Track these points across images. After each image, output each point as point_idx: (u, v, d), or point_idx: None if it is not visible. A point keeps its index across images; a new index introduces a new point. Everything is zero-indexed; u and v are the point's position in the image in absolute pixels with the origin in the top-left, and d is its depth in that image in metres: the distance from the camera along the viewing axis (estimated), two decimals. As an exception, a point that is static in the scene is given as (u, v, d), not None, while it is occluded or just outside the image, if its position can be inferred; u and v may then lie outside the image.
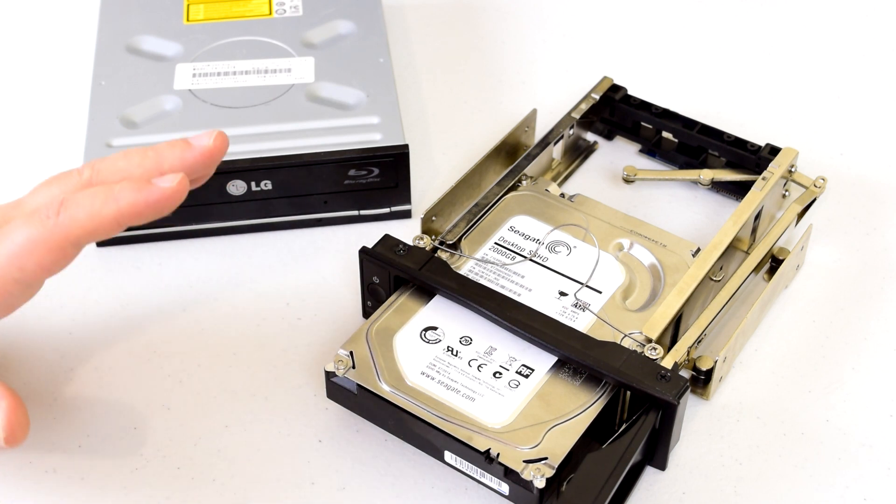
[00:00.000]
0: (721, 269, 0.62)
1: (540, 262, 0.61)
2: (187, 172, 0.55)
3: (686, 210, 0.69)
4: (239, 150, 0.65)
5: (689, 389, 0.54)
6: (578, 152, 0.73)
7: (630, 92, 0.73)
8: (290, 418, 0.59)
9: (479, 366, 0.56)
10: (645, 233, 0.63)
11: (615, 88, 0.73)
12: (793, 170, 0.67)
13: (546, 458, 0.52)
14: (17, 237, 0.52)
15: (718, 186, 0.70)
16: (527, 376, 0.55)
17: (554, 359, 0.56)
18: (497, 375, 0.55)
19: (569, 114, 0.70)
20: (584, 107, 0.71)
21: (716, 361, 0.58)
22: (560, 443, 0.52)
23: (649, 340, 0.56)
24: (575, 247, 0.62)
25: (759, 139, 0.70)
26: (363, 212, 0.68)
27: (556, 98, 0.77)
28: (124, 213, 0.53)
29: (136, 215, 0.53)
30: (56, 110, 0.77)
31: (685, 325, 0.60)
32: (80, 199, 0.53)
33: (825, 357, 0.61)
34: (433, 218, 0.63)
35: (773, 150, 0.67)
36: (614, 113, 0.73)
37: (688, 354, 0.58)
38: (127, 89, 0.70)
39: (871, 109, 0.77)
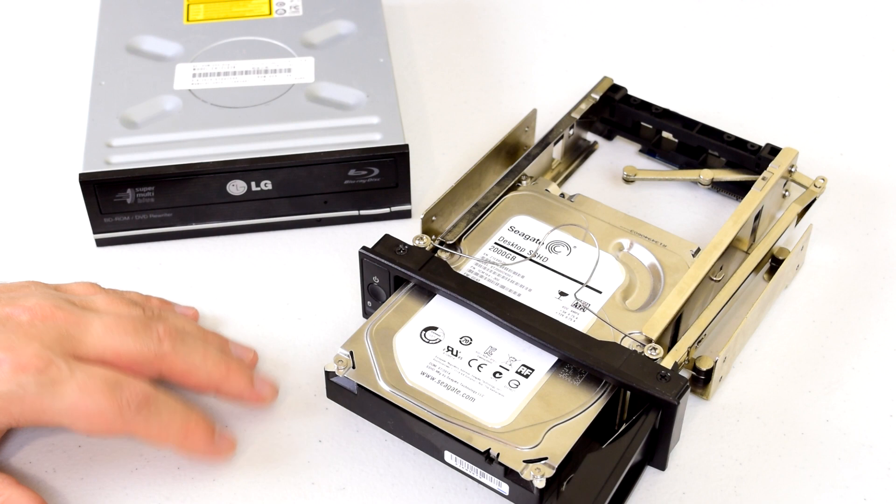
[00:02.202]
0: (721, 269, 0.62)
1: (540, 262, 0.61)
2: (233, 399, 0.58)
3: (686, 210, 0.69)
4: (239, 150, 0.65)
5: (689, 389, 0.54)
6: (578, 152, 0.73)
7: (630, 92, 0.73)
8: (290, 418, 0.59)
9: (479, 366, 0.56)
10: (645, 233, 0.63)
11: (615, 88, 0.73)
12: (793, 170, 0.67)
13: (546, 458, 0.52)
14: (90, 400, 0.52)
15: (718, 186, 0.70)
16: (527, 376, 0.55)
17: (554, 359, 0.56)
18: (497, 375, 0.55)
19: (569, 114, 0.70)
20: (584, 107, 0.71)
21: (716, 361, 0.58)
22: (560, 443, 0.52)
23: (649, 340, 0.56)
24: (575, 247, 0.62)
25: (759, 139, 0.70)
26: (363, 212, 0.68)
27: (556, 98, 0.77)
28: (183, 447, 0.55)
29: (188, 452, 0.56)
30: (56, 110, 0.77)
31: (685, 325, 0.60)
32: (162, 410, 0.53)
33: (825, 357, 0.61)
34: (433, 218, 0.63)
35: (773, 150, 0.67)
36: (614, 113, 0.73)
37: (688, 354, 0.58)
38: (127, 89, 0.70)
39: (871, 109, 0.77)
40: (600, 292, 0.60)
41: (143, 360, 0.54)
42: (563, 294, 0.59)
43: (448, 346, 0.57)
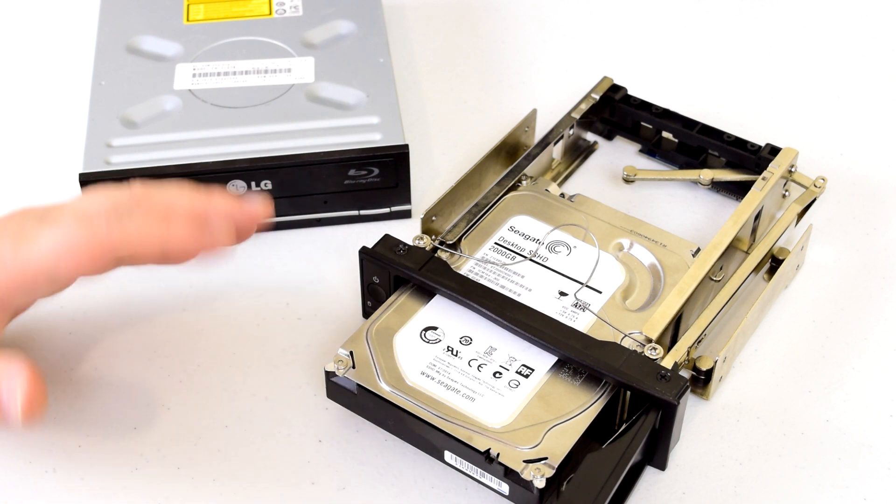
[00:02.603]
0: (721, 269, 0.62)
1: (540, 262, 0.61)
2: (227, 226, 0.56)
3: (686, 210, 0.69)
4: (239, 150, 0.65)
5: (689, 389, 0.54)
6: (578, 152, 0.73)
7: (630, 92, 0.73)
8: (290, 418, 0.59)
9: (479, 366, 0.56)
10: (645, 233, 0.63)
11: (615, 88, 0.73)
12: (793, 170, 0.67)
13: (546, 458, 0.52)
14: (64, 233, 0.52)
15: (718, 186, 0.70)
16: (527, 376, 0.55)
17: (554, 359, 0.56)
18: (497, 375, 0.55)
19: (569, 114, 0.70)
20: (584, 107, 0.71)
21: (716, 361, 0.58)
22: (560, 443, 0.52)
23: (649, 340, 0.56)
24: (575, 247, 0.62)
25: (759, 139, 0.70)
26: (363, 212, 0.68)
27: (556, 98, 0.77)
28: (173, 242, 0.54)
29: (181, 251, 0.54)
30: (56, 110, 0.77)
31: (685, 325, 0.60)
32: (135, 214, 0.53)
33: (825, 357, 0.61)
34: (433, 218, 0.63)
35: (773, 150, 0.67)
36: (614, 113, 0.73)
37: (688, 354, 0.58)
38: (127, 89, 0.70)
39: (871, 109, 0.77)
40: (600, 292, 0.60)
41: (120, 204, 0.54)
42: (563, 294, 0.59)
43: (448, 346, 0.57)
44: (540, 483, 0.50)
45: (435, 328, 0.57)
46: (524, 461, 0.51)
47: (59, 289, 0.54)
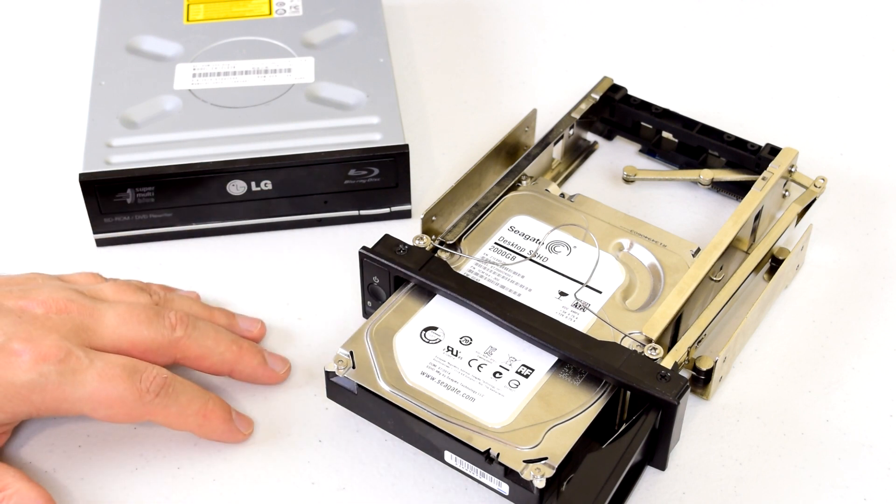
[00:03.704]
0: (721, 269, 0.62)
1: (540, 262, 0.61)
2: (248, 379, 0.59)
3: (686, 210, 0.69)
4: (239, 150, 0.65)
5: (689, 389, 0.54)
6: (578, 152, 0.73)
7: (630, 92, 0.73)
8: (290, 418, 0.59)
9: (479, 366, 0.56)
10: (645, 233, 0.63)
11: (615, 88, 0.73)
12: (793, 170, 0.67)
13: (546, 458, 0.52)
14: (111, 387, 0.53)
15: (718, 186, 0.70)
16: (527, 376, 0.55)
17: (554, 359, 0.56)
18: (497, 375, 0.55)
19: (569, 114, 0.70)
20: (584, 107, 0.71)
21: (716, 361, 0.58)
22: (560, 443, 0.52)
23: (649, 340, 0.56)
24: (575, 247, 0.62)
25: (759, 139, 0.70)
26: (363, 212, 0.68)
27: (556, 98, 0.77)
28: (202, 430, 0.56)
29: (205, 436, 0.56)
30: (56, 110, 0.77)
31: (685, 325, 0.60)
32: (180, 394, 0.55)
33: (825, 357, 0.61)
34: (433, 218, 0.63)
35: (773, 150, 0.67)
36: (614, 113, 0.73)
37: (688, 354, 0.58)
38: (127, 89, 0.70)
39: (871, 109, 0.77)
40: (600, 292, 0.60)
41: (158, 348, 0.56)
42: (563, 294, 0.59)
43: (448, 346, 0.57)
44: (540, 483, 0.50)
45: (435, 328, 0.57)
46: (524, 461, 0.51)
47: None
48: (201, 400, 0.56)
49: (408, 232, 0.67)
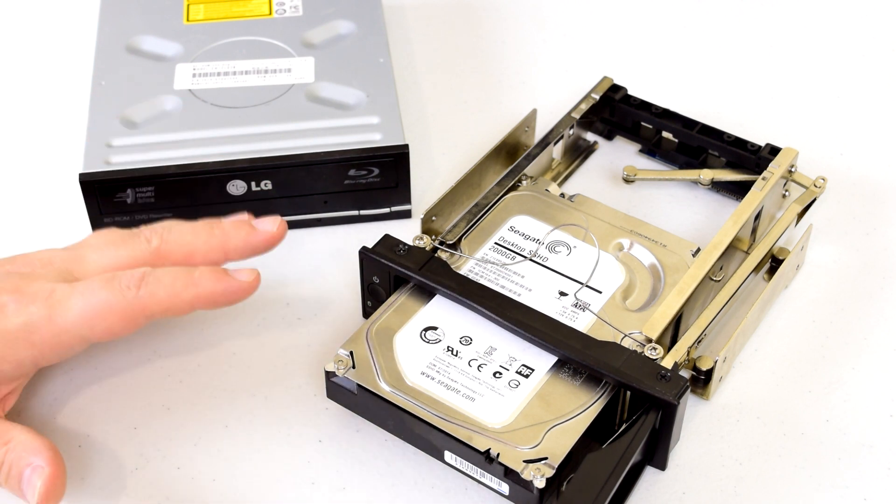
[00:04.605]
0: (721, 269, 0.62)
1: (540, 262, 0.61)
2: (248, 254, 0.58)
3: (686, 210, 0.69)
4: (239, 150, 0.65)
5: (689, 389, 0.54)
6: (578, 152, 0.73)
7: (630, 92, 0.73)
8: (290, 418, 0.59)
9: (479, 366, 0.56)
10: (645, 233, 0.63)
11: (615, 88, 0.73)
12: (793, 170, 0.67)
13: (546, 458, 0.52)
14: (95, 299, 0.53)
15: (718, 186, 0.70)
16: (527, 376, 0.55)
17: (554, 359, 0.56)
18: (497, 375, 0.55)
19: (569, 114, 0.70)
20: (584, 107, 0.71)
21: (716, 361, 0.58)
22: (560, 443, 0.52)
23: (649, 340, 0.56)
24: (575, 247, 0.62)
25: (759, 139, 0.70)
26: (363, 212, 0.68)
27: (556, 98, 0.77)
28: (201, 298, 0.55)
29: (209, 302, 0.56)
30: (56, 110, 0.77)
31: (685, 325, 0.60)
32: (162, 278, 0.54)
33: (825, 357, 0.61)
34: (433, 218, 0.63)
35: (773, 150, 0.67)
36: (614, 113, 0.73)
37: (688, 354, 0.58)
38: (127, 89, 0.70)
39: (871, 109, 0.77)
40: (600, 292, 0.60)
41: (143, 262, 0.56)
42: (563, 294, 0.59)
43: (448, 346, 0.57)
44: (540, 483, 0.50)
45: (435, 328, 0.57)
46: (524, 461, 0.51)
47: (88, 345, 0.56)
48: (186, 272, 0.55)
49: (408, 232, 0.67)
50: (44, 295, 0.54)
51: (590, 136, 0.74)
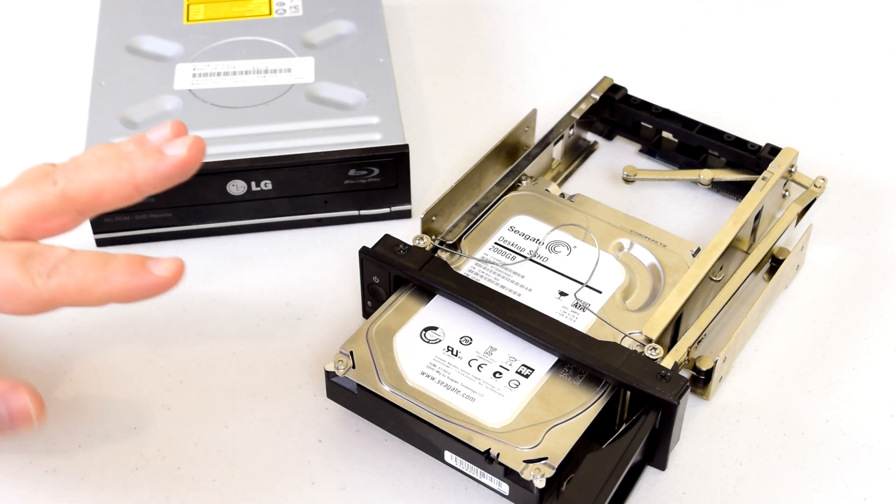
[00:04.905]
0: (721, 269, 0.62)
1: (540, 262, 0.61)
2: (161, 184, 0.54)
3: (686, 210, 0.69)
4: (239, 150, 0.65)
5: (689, 389, 0.54)
6: (578, 152, 0.73)
7: (630, 92, 0.73)
8: (290, 418, 0.59)
9: (480, 366, 0.56)
10: (645, 233, 0.63)
11: (615, 88, 0.73)
12: (793, 170, 0.67)
13: (546, 458, 0.52)
14: (4, 277, 0.51)
15: (718, 186, 0.70)
16: (527, 376, 0.55)
17: (554, 359, 0.56)
18: (497, 375, 0.55)
19: (569, 114, 0.70)
20: (584, 107, 0.71)
21: (716, 361, 0.58)
22: (560, 443, 0.52)
23: (649, 340, 0.56)
24: (575, 247, 0.62)
25: (759, 139, 0.70)
26: (363, 212, 0.68)
27: (556, 98, 0.77)
28: (113, 294, 0.52)
29: (123, 297, 0.52)
30: (56, 110, 0.77)
31: (685, 325, 0.60)
32: (73, 269, 0.51)
33: (825, 357, 0.62)
34: (433, 218, 0.63)
35: (773, 150, 0.67)
36: (614, 113, 0.73)
37: (688, 354, 0.58)
38: (127, 89, 0.70)
39: (871, 109, 0.77)
40: (600, 292, 0.60)
41: (51, 208, 0.53)
42: (563, 294, 0.59)
43: (448, 346, 0.57)
44: (540, 483, 0.50)
45: (435, 328, 0.57)
46: (524, 461, 0.51)
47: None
48: (100, 264, 0.51)
49: (408, 232, 0.67)
50: None
51: (590, 136, 0.74)
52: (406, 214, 0.69)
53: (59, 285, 0.51)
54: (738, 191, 0.69)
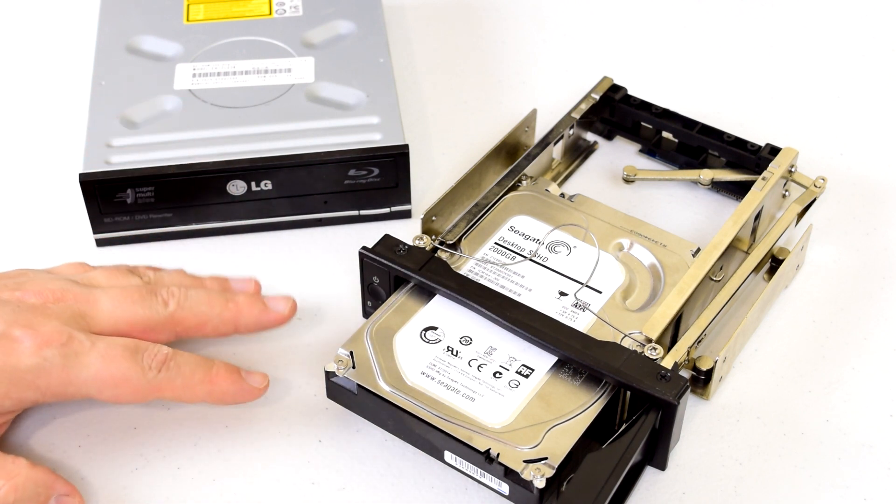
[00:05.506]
0: (721, 269, 0.62)
1: (540, 262, 0.61)
2: (256, 329, 0.60)
3: (686, 210, 0.69)
4: (239, 150, 0.65)
5: (689, 389, 0.54)
6: (578, 152, 0.73)
7: (630, 92, 0.73)
8: (290, 418, 0.59)
9: (479, 366, 0.56)
10: (645, 233, 0.63)
11: (615, 88, 0.73)
12: (793, 170, 0.67)
13: (546, 458, 0.52)
14: (114, 367, 0.53)
15: (718, 186, 0.70)
16: (527, 376, 0.55)
17: (554, 359, 0.56)
18: (497, 375, 0.55)
19: (569, 114, 0.70)
20: (584, 107, 0.71)
21: (716, 361, 0.58)
22: (560, 443, 0.52)
23: (649, 340, 0.56)
24: (575, 247, 0.62)
25: (759, 139, 0.70)
26: (363, 212, 0.68)
27: (556, 98, 0.77)
28: (213, 395, 0.56)
29: (218, 399, 0.57)
30: (56, 110, 0.77)
31: (685, 325, 0.60)
32: (182, 366, 0.55)
33: (825, 357, 0.61)
34: (433, 218, 0.63)
35: (773, 150, 0.67)
36: (614, 113, 0.73)
37: (688, 354, 0.58)
38: (127, 89, 0.70)
39: (871, 109, 0.77)
40: (600, 292, 0.60)
41: (156, 325, 0.56)
42: (563, 294, 0.59)
43: (448, 346, 0.57)
44: (540, 483, 0.50)
45: (435, 328, 0.57)
46: (524, 461, 0.51)
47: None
48: (205, 366, 0.56)
49: (408, 232, 0.67)
50: (61, 340, 0.53)
51: (590, 136, 0.74)
52: (406, 214, 0.69)
53: (168, 379, 0.55)
54: (738, 191, 0.69)
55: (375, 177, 0.66)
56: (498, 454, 0.52)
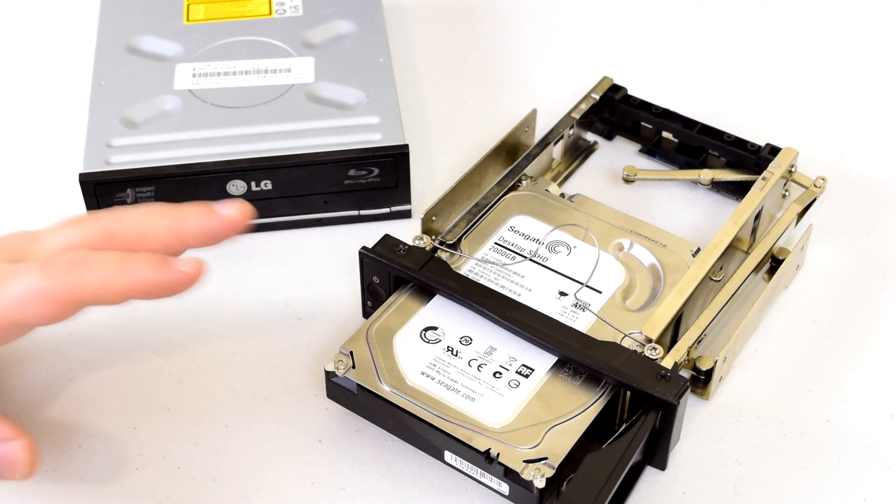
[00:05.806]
0: (721, 269, 0.62)
1: (540, 262, 0.61)
2: (206, 240, 0.55)
3: (686, 210, 0.69)
4: (239, 150, 0.65)
5: (689, 389, 0.54)
6: (578, 152, 0.73)
7: (630, 92, 0.73)
8: (290, 418, 0.59)
9: (479, 366, 0.56)
10: (645, 233, 0.63)
11: (615, 88, 0.73)
12: (793, 170, 0.67)
13: (546, 458, 0.52)
14: (25, 283, 0.51)
15: (718, 186, 0.70)
16: (527, 376, 0.55)
17: (554, 359, 0.56)
18: (497, 375, 0.55)
19: (569, 114, 0.70)
20: (584, 107, 0.71)
21: (716, 361, 0.58)
22: (560, 443, 0.52)
23: (649, 340, 0.56)
24: (575, 247, 0.62)
25: (759, 139, 0.70)
26: (363, 212, 0.68)
27: (556, 98, 0.77)
28: (135, 287, 0.52)
29: (145, 292, 0.52)
30: (56, 110, 0.77)
31: (685, 325, 0.60)
32: (95, 261, 0.51)
33: (825, 357, 0.61)
34: (433, 218, 0.63)
35: (773, 150, 0.67)
36: (614, 113, 0.73)
37: (688, 354, 0.58)
38: (127, 89, 0.70)
39: (871, 109, 0.77)
40: (600, 292, 0.60)
41: (92, 241, 0.53)
42: (563, 294, 0.59)
43: (448, 346, 0.57)
44: (540, 483, 0.50)
45: (435, 328, 0.57)
46: (524, 461, 0.51)
47: (28, 332, 0.53)
48: (122, 256, 0.51)
49: (408, 232, 0.67)
50: None
51: (590, 136, 0.74)
52: (406, 214, 0.69)
53: (80, 278, 0.51)
54: (738, 191, 0.69)
55: (375, 177, 0.66)
56: (498, 454, 0.52)
